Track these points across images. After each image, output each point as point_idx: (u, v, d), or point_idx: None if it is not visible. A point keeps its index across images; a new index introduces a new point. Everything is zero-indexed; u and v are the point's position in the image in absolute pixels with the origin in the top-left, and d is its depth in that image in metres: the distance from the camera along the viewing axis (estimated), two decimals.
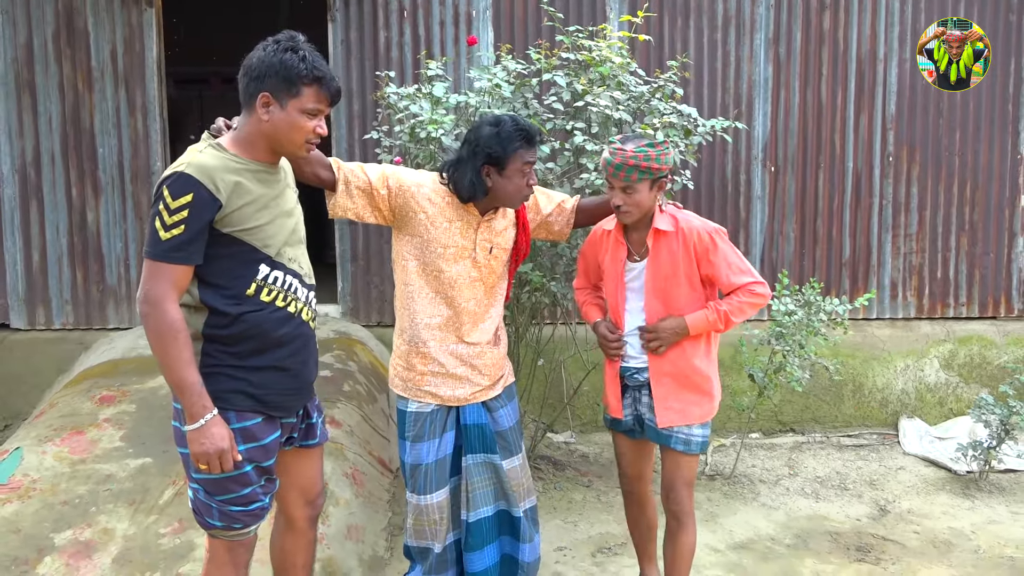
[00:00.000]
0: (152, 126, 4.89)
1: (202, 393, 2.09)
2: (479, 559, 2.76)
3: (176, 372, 2.07)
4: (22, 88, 4.81)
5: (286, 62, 2.12)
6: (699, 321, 2.71)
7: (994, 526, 3.85)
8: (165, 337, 2.05)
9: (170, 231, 2.05)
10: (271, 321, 2.20)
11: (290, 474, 2.42)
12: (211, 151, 2.15)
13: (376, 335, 4.95)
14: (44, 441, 3.57)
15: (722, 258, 2.71)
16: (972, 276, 5.30)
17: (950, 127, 5.20)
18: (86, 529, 3.10)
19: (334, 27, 4.94)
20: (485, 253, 2.68)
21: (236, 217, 2.12)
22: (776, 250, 5.22)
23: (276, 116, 2.14)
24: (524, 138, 2.58)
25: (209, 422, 2.09)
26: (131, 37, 4.83)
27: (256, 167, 2.18)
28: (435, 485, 2.69)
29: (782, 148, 5.16)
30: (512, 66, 3.79)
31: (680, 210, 2.79)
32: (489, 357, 2.73)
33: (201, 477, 2.18)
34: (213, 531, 2.25)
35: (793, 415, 5.07)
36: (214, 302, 2.14)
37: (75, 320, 4.98)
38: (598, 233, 2.90)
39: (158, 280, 2.06)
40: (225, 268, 2.14)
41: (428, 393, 2.69)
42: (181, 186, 2.05)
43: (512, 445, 2.78)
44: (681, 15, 5.04)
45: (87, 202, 4.91)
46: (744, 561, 3.52)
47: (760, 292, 2.71)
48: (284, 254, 2.23)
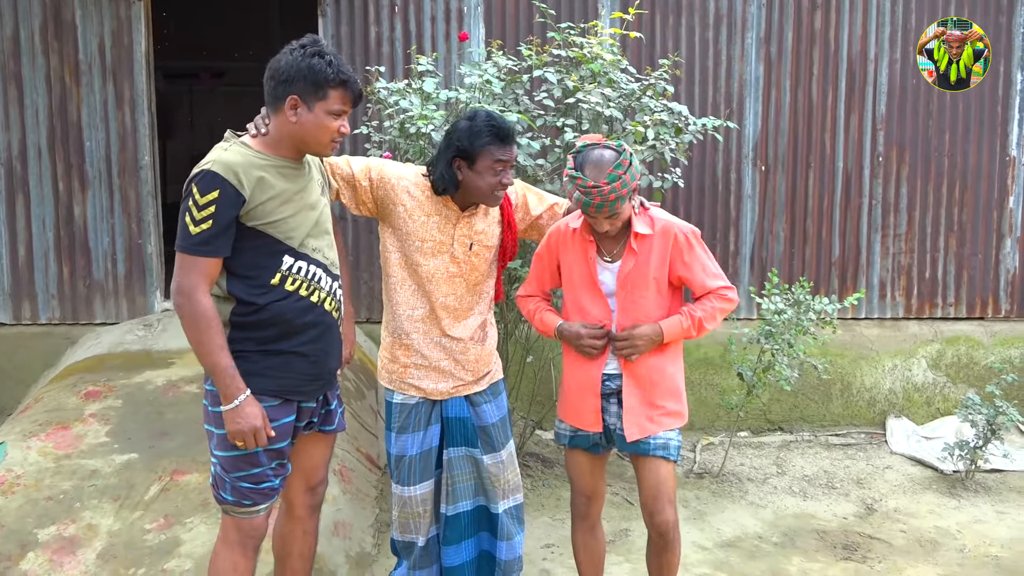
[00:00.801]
0: (140, 120, 4.85)
1: (235, 376, 2.21)
2: (455, 553, 2.77)
3: (210, 357, 2.19)
4: (8, 80, 4.77)
5: (314, 67, 2.22)
6: (674, 328, 2.59)
7: (980, 525, 3.87)
8: (199, 325, 2.17)
9: (199, 226, 2.16)
10: (294, 310, 2.30)
11: (297, 456, 2.48)
12: (236, 148, 2.25)
13: (365, 331, 4.94)
14: (29, 436, 3.54)
15: (697, 260, 2.61)
16: (960, 277, 5.33)
17: (940, 128, 5.22)
18: (70, 525, 3.07)
19: (324, 21, 4.92)
20: (464, 249, 2.66)
21: (260, 211, 2.22)
22: (766, 249, 5.23)
23: (304, 117, 2.25)
24: (495, 134, 2.53)
25: (243, 402, 2.21)
26: (119, 30, 4.79)
27: (280, 163, 2.28)
28: (419, 477, 2.70)
29: (772, 147, 5.17)
30: (503, 62, 3.79)
31: (655, 209, 2.67)
32: (472, 353, 2.72)
33: (221, 454, 2.30)
34: (225, 507, 2.36)
35: (781, 414, 5.08)
36: (241, 292, 2.26)
37: (61, 315, 4.94)
38: (561, 232, 2.70)
39: (189, 272, 2.18)
40: (250, 260, 2.25)
41: (411, 386, 2.70)
42: (208, 183, 2.16)
43: (495, 441, 2.75)
44: (673, 13, 5.03)
45: (74, 196, 4.87)
46: (731, 559, 3.52)
47: (731, 297, 2.62)
48: (308, 245, 2.33)
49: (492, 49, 3.94)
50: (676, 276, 2.63)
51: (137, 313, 4.91)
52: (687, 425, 4.97)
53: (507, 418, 2.83)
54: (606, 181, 2.44)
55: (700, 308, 2.61)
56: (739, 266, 5.21)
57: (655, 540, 2.68)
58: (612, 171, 2.45)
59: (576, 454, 2.75)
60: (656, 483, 2.61)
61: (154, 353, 4.27)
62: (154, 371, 4.08)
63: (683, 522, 3.81)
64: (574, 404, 2.70)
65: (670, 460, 2.63)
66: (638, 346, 2.58)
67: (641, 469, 2.65)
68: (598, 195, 2.44)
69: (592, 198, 2.45)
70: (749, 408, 4.76)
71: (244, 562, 2.37)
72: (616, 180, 2.44)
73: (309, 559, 2.60)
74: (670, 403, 2.65)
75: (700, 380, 5.05)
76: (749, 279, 5.20)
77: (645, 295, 2.60)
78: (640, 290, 2.61)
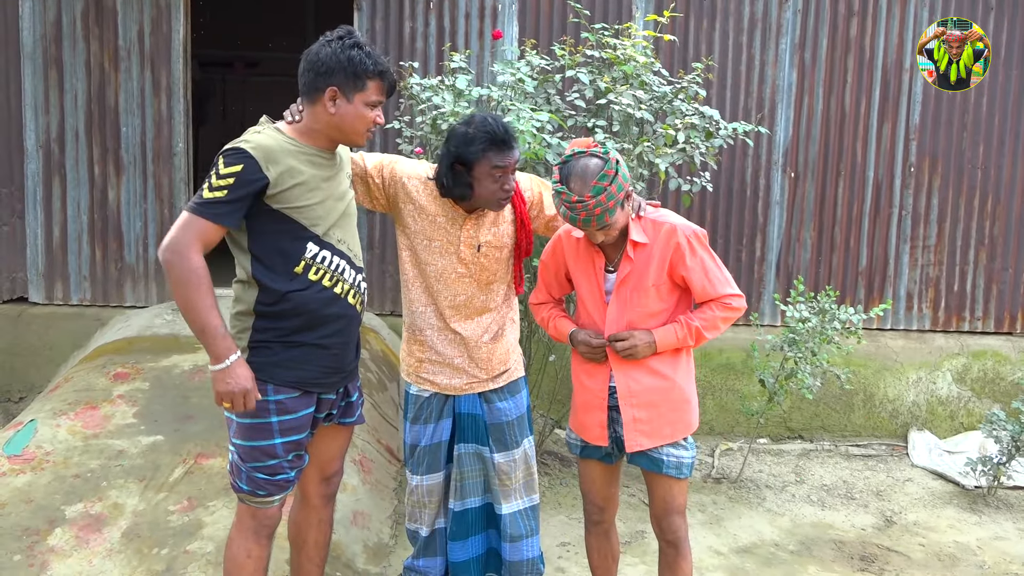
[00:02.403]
0: (176, 107, 4.92)
1: (225, 335, 2.19)
2: (461, 549, 2.79)
3: (200, 316, 2.17)
4: (49, 65, 4.86)
5: (353, 59, 2.24)
6: (668, 337, 2.50)
7: (1000, 542, 3.84)
8: (190, 282, 2.15)
9: (213, 192, 2.17)
10: (317, 301, 2.31)
11: (313, 447, 2.50)
12: (270, 132, 2.28)
13: (389, 324, 4.98)
14: (58, 415, 3.62)
15: (699, 263, 2.49)
16: (989, 291, 5.26)
17: (974, 140, 5.16)
18: (96, 503, 3.14)
19: (360, 16, 4.95)
20: (472, 251, 2.63)
21: (287, 196, 2.23)
22: (793, 256, 5.20)
23: (343, 108, 2.27)
24: (490, 141, 2.46)
25: (234, 363, 2.19)
26: (159, 18, 4.86)
27: (312, 151, 2.30)
28: (426, 468, 2.74)
29: (803, 154, 5.14)
30: (536, 61, 3.80)
31: (657, 209, 2.57)
32: (486, 351, 2.70)
33: (239, 442, 2.32)
34: (241, 495, 2.37)
35: (802, 422, 5.05)
36: (264, 278, 2.26)
37: (92, 296, 5.03)
38: (566, 240, 2.63)
39: (187, 230, 2.17)
40: (274, 244, 2.26)
41: (426, 380, 2.74)
42: (234, 157, 2.19)
43: (508, 440, 2.72)
44: (707, 16, 5.02)
45: (109, 180, 4.95)
46: (747, 565, 3.52)
47: (736, 306, 2.50)
48: (333, 235, 2.34)
49: (525, 48, 3.96)
50: (678, 277, 2.52)
51: (166, 298, 4.99)
52: (706, 430, 5.01)
53: (526, 416, 2.80)
54: (591, 195, 2.32)
55: (699, 317, 2.51)
56: (765, 272, 5.19)
57: (666, 551, 2.67)
58: (596, 183, 2.33)
59: (588, 464, 2.70)
60: (666, 497, 2.59)
61: (181, 338, 4.34)
62: (181, 355, 4.14)
63: (699, 526, 3.82)
64: (581, 418, 2.65)
65: (683, 478, 2.58)
66: (639, 351, 2.49)
67: (652, 483, 2.63)
68: (583, 210, 2.33)
69: (578, 213, 2.34)
70: (770, 415, 4.74)
71: (258, 549, 2.39)
72: (601, 193, 2.32)
73: (324, 547, 2.63)
74: (673, 413, 2.55)
75: (721, 385, 5.04)
76: (775, 286, 5.18)
77: (644, 302, 2.51)
78: (639, 298, 2.51)
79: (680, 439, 2.57)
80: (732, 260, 5.12)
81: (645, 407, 2.54)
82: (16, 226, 4.95)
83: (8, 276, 4.98)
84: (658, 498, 2.61)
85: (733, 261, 5.12)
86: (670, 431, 2.55)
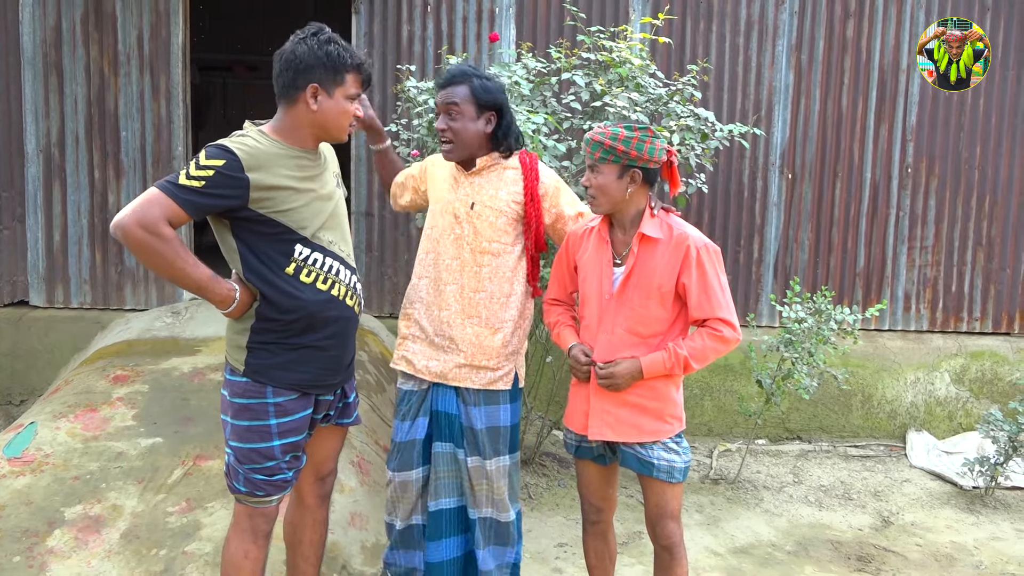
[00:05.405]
0: (175, 112, 4.94)
1: (220, 279, 2.23)
2: (436, 550, 2.81)
3: (191, 276, 2.18)
4: (49, 69, 4.88)
5: (331, 53, 2.27)
6: (655, 365, 2.48)
7: (997, 542, 3.84)
8: (166, 253, 2.13)
9: (190, 180, 2.15)
10: (315, 303, 2.31)
11: (309, 447, 2.51)
12: (255, 134, 2.29)
13: (388, 326, 4.99)
14: (58, 417, 3.64)
15: (703, 275, 2.47)
16: (987, 291, 5.27)
17: (971, 140, 5.17)
18: (96, 504, 3.15)
19: (358, 19, 4.98)
20: (466, 208, 2.71)
21: (272, 199, 2.23)
22: (790, 257, 5.21)
23: (325, 104, 2.29)
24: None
25: (240, 300, 2.26)
26: (158, 23, 4.88)
27: (296, 153, 2.30)
28: (399, 464, 2.78)
29: (800, 155, 5.15)
30: (532, 64, 3.82)
31: (677, 218, 2.58)
32: (471, 331, 2.70)
33: (236, 444, 2.33)
34: (238, 496, 2.38)
35: (800, 423, 5.06)
36: (256, 282, 2.27)
37: (92, 300, 5.05)
38: (579, 232, 2.68)
39: (154, 206, 2.11)
40: (263, 248, 2.26)
41: (403, 359, 2.79)
42: (218, 152, 2.18)
43: (482, 446, 2.71)
44: (704, 18, 5.03)
45: (109, 184, 4.98)
46: (744, 566, 3.53)
47: (727, 336, 2.47)
48: (323, 237, 2.34)
49: (522, 51, 3.97)
50: (683, 286, 2.51)
51: (165, 300, 5.01)
52: (705, 431, 5.02)
53: (504, 431, 2.75)
54: (605, 127, 2.51)
55: (689, 346, 2.49)
56: (762, 273, 5.20)
57: (660, 555, 2.67)
58: (620, 126, 2.50)
59: (584, 465, 2.70)
60: (659, 501, 2.59)
61: (181, 340, 4.36)
62: (180, 358, 4.16)
63: (697, 527, 3.83)
64: (573, 406, 2.66)
65: (676, 483, 2.58)
66: (619, 384, 2.51)
67: (645, 487, 2.63)
68: (595, 133, 2.51)
69: (592, 134, 2.52)
70: (767, 416, 4.75)
71: (255, 550, 2.40)
72: (611, 131, 2.47)
73: (320, 547, 2.64)
74: (643, 417, 2.54)
75: (719, 386, 5.05)
76: (772, 287, 5.19)
77: (646, 304, 2.51)
78: (641, 298, 2.51)
79: (649, 440, 2.55)
80: (730, 261, 5.13)
81: (616, 404, 2.55)
82: (16, 230, 4.98)
83: (9, 280, 5.01)
84: (651, 502, 2.61)
85: (731, 263, 5.13)
86: (636, 433, 2.54)
